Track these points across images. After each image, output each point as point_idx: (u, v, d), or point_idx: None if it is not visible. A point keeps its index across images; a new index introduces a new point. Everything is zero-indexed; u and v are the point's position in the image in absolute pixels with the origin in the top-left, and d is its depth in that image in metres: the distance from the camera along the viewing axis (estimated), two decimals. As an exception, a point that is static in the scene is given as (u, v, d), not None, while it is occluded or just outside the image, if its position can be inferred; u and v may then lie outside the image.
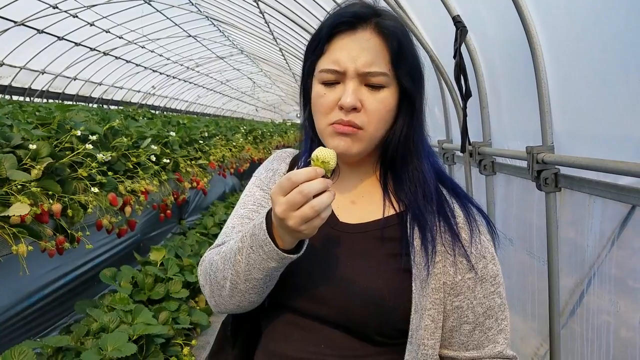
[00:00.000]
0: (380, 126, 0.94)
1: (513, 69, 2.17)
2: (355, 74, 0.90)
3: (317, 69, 0.95)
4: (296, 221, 0.79)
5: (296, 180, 0.79)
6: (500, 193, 2.52)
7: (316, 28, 0.98)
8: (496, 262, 0.97)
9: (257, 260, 0.86)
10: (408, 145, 0.97)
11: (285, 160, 1.14)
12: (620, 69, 1.45)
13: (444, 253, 0.94)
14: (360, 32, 0.91)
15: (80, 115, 3.53)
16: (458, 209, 0.98)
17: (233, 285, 0.92)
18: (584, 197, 1.70)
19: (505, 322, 0.97)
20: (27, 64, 13.86)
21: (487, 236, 0.98)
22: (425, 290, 0.92)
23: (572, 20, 1.67)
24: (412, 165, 0.98)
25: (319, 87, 0.94)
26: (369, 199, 1.02)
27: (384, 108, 0.92)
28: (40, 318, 2.97)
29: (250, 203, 1.08)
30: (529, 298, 2.22)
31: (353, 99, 0.89)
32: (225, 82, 27.26)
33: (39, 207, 2.29)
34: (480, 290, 0.94)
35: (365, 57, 0.90)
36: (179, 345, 3.11)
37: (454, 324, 0.95)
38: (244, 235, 0.89)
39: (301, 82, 1.03)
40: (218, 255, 0.97)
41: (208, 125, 7.76)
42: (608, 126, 1.56)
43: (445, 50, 2.37)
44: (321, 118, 0.95)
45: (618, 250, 1.57)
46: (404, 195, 0.98)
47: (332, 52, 0.92)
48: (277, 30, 12.56)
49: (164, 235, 5.29)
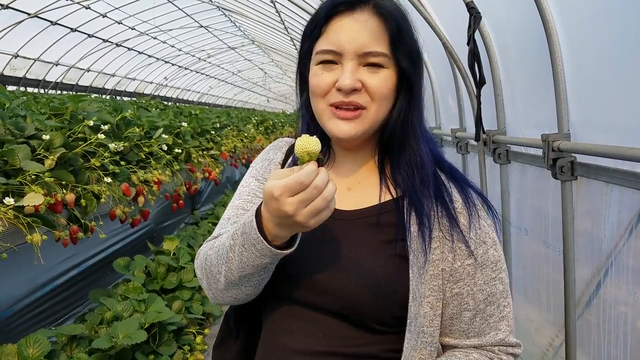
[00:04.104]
0: (383, 105, 0.92)
1: (528, 56, 2.12)
2: (354, 55, 0.89)
3: (315, 50, 0.93)
4: (307, 215, 0.78)
5: (308, 181, 0.76)
6: (515, 182, 2.48)
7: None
8: (498, 247, 0.95)
9: (250, 257, 0.85)
10: (406, 129, 0.95)
11: (281, 149, 1.13)
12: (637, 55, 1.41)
13: (442, 239, 0.92)
14: (358, 13, 0.90)
15: (93, 105, 3.54)
16: (456, 193, 0.96)
17: (228, 280, 0.91)
18: (600, 186, 1.67)
19: (508, 308, 0.95)
20: (41, 56, 13.96)
21: (487, 221, 0.95)
22: (423, 277, 0.90)
23: (590, 4, 1.62)
24: (409, 149, 0.96)
25: (317, 69, 0.93)
26: (366, 185, 1.00)
27: (386, 86, 0.91)
28: (55, 307, 3.01)
29: (245, 194, 1.08)
30: (544, 288, 2.19)
31: (352, 80, 0.88)
32: (236, 72, 27.27)
33: (52, 197, 2.30)
34: (480, 277, 0.92)
35: (364, 37, 0.88)
36: (192, 334, 3.13)
37: (454, 311, 0.93)
38: (235, 232, 0.88)
39: (297, 66, 1.02)
40: (212, 250, 0.97)
41: (220, 116, 7.77)
42: (625, 114, 1.52)
43: (459, 37, 2.33)
44: (319, 100, 0.93)
45: (636, 240, 1.53)
46: (401, 179, 0.96)
47: (330, 33, 0.91)
48: (289, 20, 12.51)
49: (177, 225, 5.33)
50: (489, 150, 2.49)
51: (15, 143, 2.38)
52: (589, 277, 1.80)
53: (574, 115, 1.75)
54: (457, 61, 2.67)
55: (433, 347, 0.93)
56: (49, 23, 12.67)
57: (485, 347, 0.94)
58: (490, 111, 2.46)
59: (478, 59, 2.02)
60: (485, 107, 2.23)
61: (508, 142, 2.38)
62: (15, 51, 12.94)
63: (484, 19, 2.19)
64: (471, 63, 2.03)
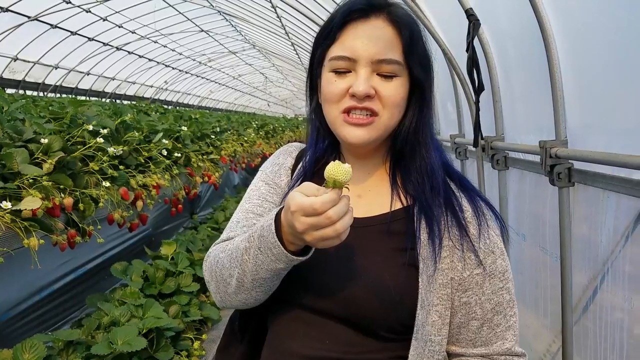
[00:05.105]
0: (395, 113, 0.93)
1: (526, 62, 2.13)
2: (368, 62, 0.89)
3: (328, 56, 0.94)
4: (315, 238, 0.78)
5: (322, 211, 0.76)
6: (513, 188, 2.49)
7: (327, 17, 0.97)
8: (505, 257, 0.95)
9: (265, 261, 0.86)
10: (417, 136, 0.96)
11: (291, 154, 1.13)
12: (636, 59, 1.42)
13: (452, 248, 0.92)
14: (373, 20, 0.91)
15: (92, 109, 3.54)
16: (466, 202, 0.96)
17: (239, 283, 0.91)
18: (597, 192, 1.67)
19: (514, 318, 0.95)
20: (41, 59, 13.97)
21: (496, 231, 0.96)
22: (432, 286, 0.90)
23: (587, 9, 1.63)
24: (420, 157, 0.96)
25: (330, 75, 0.93)
26: (376, 192, 1.01)
27: (398, 95, 0.91)
28: (52, 311, 3.00)
29: (255, 197, 1.07)
30: (542, 294, 2.19)
31: (366, 86, 0.89)
32: (237, 77, 27.30)
33: (50, 200, 2.30)
34: (488, 286, 0.93)
35: (378, 45, 0.89)
36: (190, 339, 3.13)
37: (462, 320, 0.93)
38: (252, 235, 0.88)
39: (308, 71, 1.02)
40: (224, 253, 0.96)
41: (220, 120, 7.78)
42: (624, 118, 1.52)
43: (458, 42, 2.34)
44: (332, 106, 0.93)
45: (632, 247, 1.54)
46: (412, 187, 0.96)
47: (344, 39, 0.91)
48: (289, 25, 12.53)
49: (175, 230, 5.32)
50: (488, 156, 2.50)
51: (14, 147, 2.38)
52: (586, 283, 1.80)
53: (574, 119, 1.75)
54: (456, 67, 2.68)
55: (440, 355, 0.93)
56: (49, 26, 12.68)
57: (492, 357, 0.94)
58: (489, 117, 2.47)
59: (477, 65, 2.03)
60: (483, 114, 2.24)
61: (506, 149, 2.38)
62: (14, 54, 12.93)
63: (483, 25, 2.20)
64: (470, 70, 2.04)
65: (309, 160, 1.04)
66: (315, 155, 1.03)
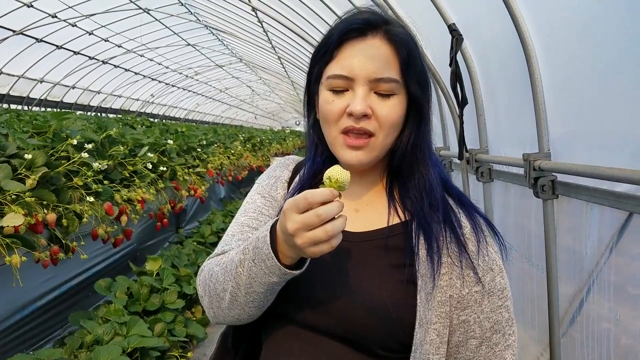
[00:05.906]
0: (391, 133, 0.92)
1: (509, 76, 2.16)
2: (366, 81, 0.89)
3: (325, 74, 0.93)
4: (305, 241, 0.77)
5: (313, 200, 0.76)
6: (498, 200, 2.50)
7: (322, 35, 0.97)
8: (504, 275, 0.94)
9: (259, 274, 0.84)
10: (415, 153, 0.96)
11: (288, 167, 1.12)
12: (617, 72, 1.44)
13: (451, 265, 0.91)
14: (370, 39, 0.91)
15: (77, 123, 3.52)
16: (465, 219, 0.95)
17: (233, 297, 0.90)
18: (581, 204, 1.69)
19: (513, 337, 0.94)
20: (26, 73, 13.87)
21: (494, 248, 0.95)
22: (430, 304, 0.89)
23: (568, 24, 1.66)
24: (418, 173, 0.96)
25: (327, 94, 0.93)
26: (374, 207, 1.00)
27: (395, 114, 0.91)
28: (34, 330, 2.94)
29: (251, 210, 1.06)
30: (529, 306, 2.20)
31: (363, 106, 0.88)
32: (224, 90, 27.31)
33: (33, 217, 2.26)
34: (487, 304, 0.91)
35: (376, 63, 0.89)
36: (175, 358, 3.07)
37: (460, 338, 0.92)
38: (247, 247, 0.87)
39: (306, 88, 1.02)
40: (218, 267, 0.95)
41: (206, 133, 7.75)
42: (606, 130, 1.54)
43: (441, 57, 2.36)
44: (331, 127, 0.93)
45: (617, 257, 1.55)
46: (410, 203, 0.96)
47: (341, 58, 0.91)
48: (275, 39, 12.60)
49: (161, 244, 5.26)
50: (472, 168, 2.51)
51: (-4, 162, 2.35)
52: (572, 294, 1.81)
53: (557, 130, 1.77)
54: (440, 81, 2.71)
55: None
56: (34, 40, 12.61)
57: None
58: (473, 130, 2.49)
59: (460, 80, 2.05)
60: (467, 126, 2.26)
61: (490, 161, 2.40)
62: (-1, 68, 12.85)
63: (466, 40, 2.22)
64: (453, 84, 2.06)
65: (306, 174, 1.04)
66: (313, 169, 1.03)
